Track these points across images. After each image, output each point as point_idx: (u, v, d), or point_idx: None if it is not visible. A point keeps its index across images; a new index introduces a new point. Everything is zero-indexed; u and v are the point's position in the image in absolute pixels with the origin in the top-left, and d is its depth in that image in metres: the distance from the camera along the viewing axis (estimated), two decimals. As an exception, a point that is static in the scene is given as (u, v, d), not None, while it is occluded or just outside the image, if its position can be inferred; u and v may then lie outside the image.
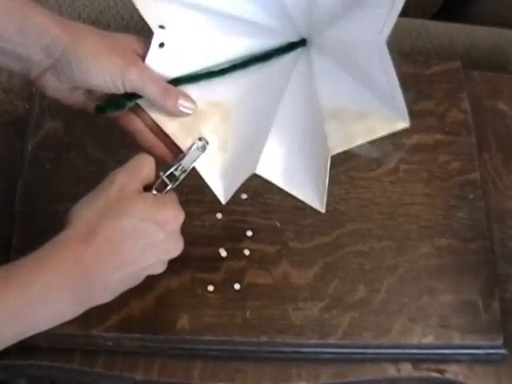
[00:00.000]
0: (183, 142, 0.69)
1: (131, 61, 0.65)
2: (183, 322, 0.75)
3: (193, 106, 0.68)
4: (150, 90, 0.66)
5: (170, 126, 0.69)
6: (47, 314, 0.59)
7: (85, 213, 0.61)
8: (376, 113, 0.69)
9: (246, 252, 0.79)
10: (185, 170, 0.68)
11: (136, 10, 0.68)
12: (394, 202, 0.83)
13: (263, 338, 0.75)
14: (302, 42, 0.72)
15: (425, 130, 0.88)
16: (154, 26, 0.68)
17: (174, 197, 0.66)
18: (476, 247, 0.81)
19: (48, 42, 0.63)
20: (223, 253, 0.78)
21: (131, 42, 0.67)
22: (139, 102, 0.68)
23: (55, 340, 0.73)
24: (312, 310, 0.76)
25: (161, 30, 0.68)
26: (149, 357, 0.75)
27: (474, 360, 0.77)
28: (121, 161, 0.82)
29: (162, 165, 0.68)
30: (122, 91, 0.66)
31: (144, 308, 0.75)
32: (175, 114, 0.68)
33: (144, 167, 0.64)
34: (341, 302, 0.77)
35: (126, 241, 0.61)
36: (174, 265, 0.76)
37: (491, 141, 0.90)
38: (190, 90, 0.69)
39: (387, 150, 0.86)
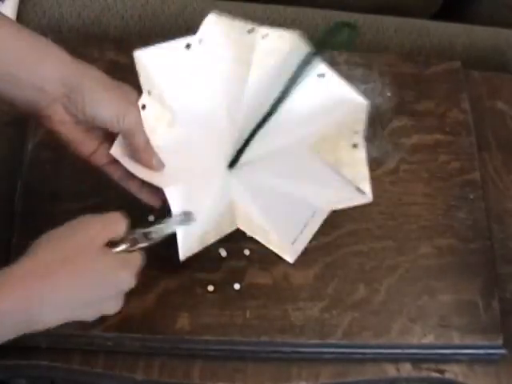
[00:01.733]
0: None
1: (132, 103, 0.70)
2: (183, 321, 0.75)
3: (160, 166, 0.72)
4: (141, 136, 0.70)
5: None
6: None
7: (48, 250, 0.62)
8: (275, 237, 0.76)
9: (246, 252, 0.79)
10: (161, 235, 0.70)
11: (136, 10, 0.68)
12: (394, 202, 0.83)
13: (263, 338, 0.75)
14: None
15: (425, 129, 0.88)
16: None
17: (138, 258, 0.67)
18: (476, 247, 0.81)
19: (66, 73, 0.67)
20: (223, 253, 0.78)
21: (128, 89, 0.71)
22: (113, 153, 0.71)
23: (55, 340, 0.73)
24: (312, 309, 0.76)
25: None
26: (149, 357, 0.75)
27: (473, 360, 0.77)
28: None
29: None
30: (118, 129, 0.69)
31: (144, 308, 0.75)
32: (151, 164, 0.72)
33: (118, 225, 0.66)
34: (341, 301, 0.77)
35: (76, 292, 0.62)
36: (174, 265, 0.76)
37: (491, 141, 0.90)
38: None
39: (387, 150, 0.86)
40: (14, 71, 0.65)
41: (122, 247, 0.66)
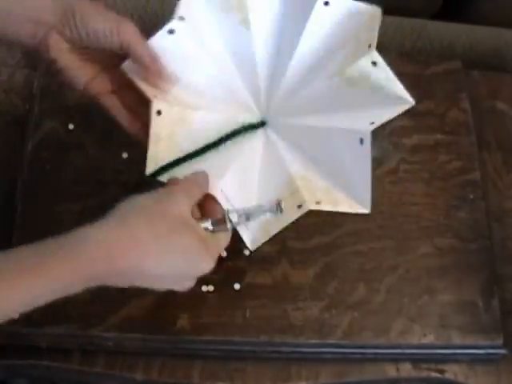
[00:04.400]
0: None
1: (126, 19, 0.69)
2: (183, 321, 0.75)
3: (175, 82, 0.71)
4: (142, 46, 0.68)
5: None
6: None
7: (141, 226, 0.61)
8: (341, 194, 0.73)
9: (246, 252, 0.79)
10: (248, 218, 0.69)
11: (136, 10, 0.68)
12: (394, 202, 0.83)
13: (263, 338, 0.75)
14: (261, 124, 0.76)
15: (425, 129, 0.88)
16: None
17: (225, 239, 0.67)
18: (476, 247, 0.81)
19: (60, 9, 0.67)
20: (223, 253, 0.78)
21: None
22: (124, 67, 0.69)
23: (55, 340, 0.73)
24: (312, 309, 0.76)
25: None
26: (149, 357, 0.75)
27: (474, 360, 0.77)
28: (121, 161, 0.82)
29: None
30: (117, 44, 0.68)
31: (144, 308, 0.75)
32: (158, 76, 0.70)
33: (202, 186, 0.67)
34: (341, 301, 0.77)
35: (162, 269, 0.62)
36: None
37: (491, 141, 0.90)
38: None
39: (387, 150, 0.86)
40: (6, 7, 0.66)
41: (208, 224, 0.66)
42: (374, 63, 0.71)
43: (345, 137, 0.72)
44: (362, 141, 0.70)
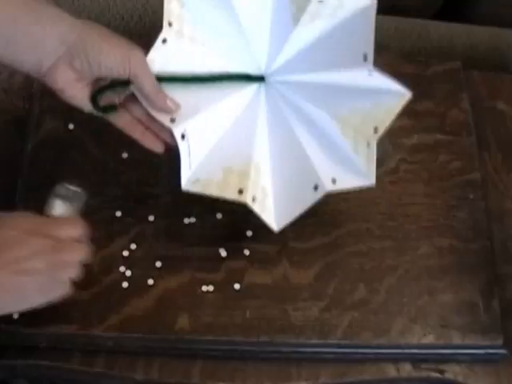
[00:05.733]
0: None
1: (135, 47, 0.70)
2: (183, 321, 0.75)
3: (176, 107, 0.72)
4: (149, 80, 0.69)
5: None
6: None
7: None
8: (384, 98, 0.74)
9: (246, 252, 0.79)
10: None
11: (136, 10, 0.69)
12: (394, 202, 0.83)
13: (263, 338, 0.75)
14: (260, 78, 0.77)
15: (425, 129, 0.88)
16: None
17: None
18: (476, 247, 0.81)
19: (64, 29, 0.67)
20: (223, 253, 0.78)
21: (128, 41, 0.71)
22: (133, 88, 0.70)
23: (55, 340, 0.73)
24: (312, 309, 0.76)
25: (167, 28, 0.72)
26: (149, 357, 0.75)
27: (474, 360, 0.77)
28: (121, 160, 0.82)
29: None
30: (126, 75, 0.69)
31: (144, 308, 0.75)
32: (162, 107, 0.71)
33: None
34: (341, 301, 0.77)
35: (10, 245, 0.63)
36: (174, 264, 0.76)
37: (491, 141, 0.90)
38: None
39: (387, 150, 0.86)
40: (9, 33, 0.65)
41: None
42: (370, 73, 0.72)
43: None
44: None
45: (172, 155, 0.73)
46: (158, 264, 0.77)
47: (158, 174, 0.82)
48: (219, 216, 0.80)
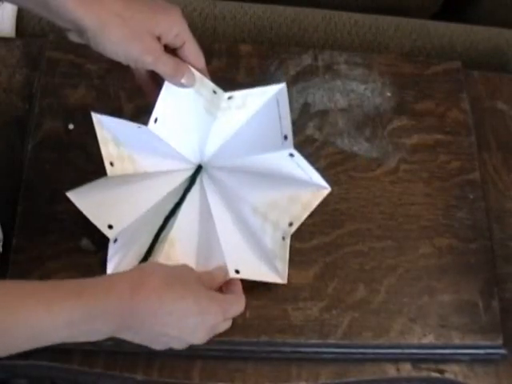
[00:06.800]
0: None
1: (148, 48, 0.70)
2: (183, 321, 0.74)
3: (193, 82, 0.73)
4: (162, 70, 0.71)
5: None
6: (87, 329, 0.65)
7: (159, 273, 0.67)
8: (303, 192, 0.77)
9: (246, 252, 0.79)
10: None
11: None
12: (394, 202, 0.83)
13: (263, 338, 0.75)
14: (198, 169, 0.81)
15: (425, 129, 0.88)
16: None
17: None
18: (476, 247, 0.81)
19: (72, 26, 0.67)
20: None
21: (151, 26, 0.70)
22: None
23: (55, 340, 0.73)
24: (312, 309, 0.76)
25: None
26: (149, 357, 0.75)
27: (473, 360, 0.77)
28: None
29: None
30: (127, 63, 0.70)
31: (144, 308, 0.75)
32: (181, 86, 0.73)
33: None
34: (341, 301, 0.77)
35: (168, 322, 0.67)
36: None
37: (491, 141, 0.90)
38: None
39: (387, 150, 0.86)
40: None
41: None
42: (291, 155, 0.73)
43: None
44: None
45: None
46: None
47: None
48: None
